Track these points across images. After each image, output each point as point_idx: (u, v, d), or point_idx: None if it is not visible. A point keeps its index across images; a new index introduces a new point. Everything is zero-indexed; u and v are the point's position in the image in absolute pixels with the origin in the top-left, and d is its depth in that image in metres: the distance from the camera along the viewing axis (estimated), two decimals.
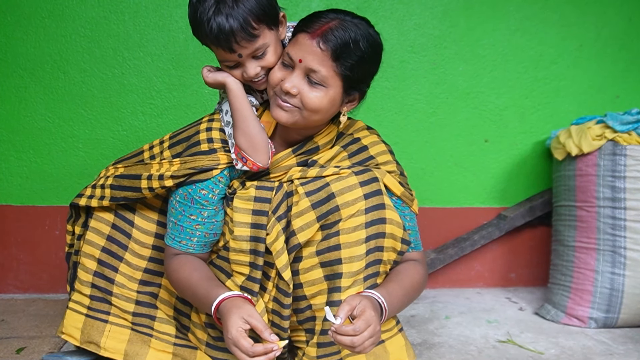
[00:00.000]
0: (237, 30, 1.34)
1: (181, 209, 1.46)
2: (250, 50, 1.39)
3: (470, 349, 1.93)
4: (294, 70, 1.38)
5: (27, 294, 2.38)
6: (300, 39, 1.36)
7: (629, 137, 2.11)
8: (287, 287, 1.41)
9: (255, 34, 1.36)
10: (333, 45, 1.33)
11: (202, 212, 1.45)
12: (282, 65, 1.40)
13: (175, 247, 1.48)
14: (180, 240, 1.47)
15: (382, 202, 1.40)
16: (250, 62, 1.41)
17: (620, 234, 2.11)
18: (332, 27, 1.34)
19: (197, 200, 1.44)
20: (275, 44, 1.43)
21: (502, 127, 2.64)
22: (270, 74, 1.42)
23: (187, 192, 1.45)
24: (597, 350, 1.93)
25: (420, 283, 1.50)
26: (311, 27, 1.34)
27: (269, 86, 1.43)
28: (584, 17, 2.64)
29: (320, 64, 1.35)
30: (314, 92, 1.37)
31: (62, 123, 2.33)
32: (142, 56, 2.34)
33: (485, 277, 2.72)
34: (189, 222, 1.46)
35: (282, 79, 1.39)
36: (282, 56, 1.41)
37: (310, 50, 1.34)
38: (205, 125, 1.50)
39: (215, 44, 1.39)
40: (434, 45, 2.54)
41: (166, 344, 1.56)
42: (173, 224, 1.48)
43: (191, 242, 1.47)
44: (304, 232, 1.39)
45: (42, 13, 2.27)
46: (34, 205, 2.35)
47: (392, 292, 1.37)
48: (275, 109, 1.42)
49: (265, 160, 1.42)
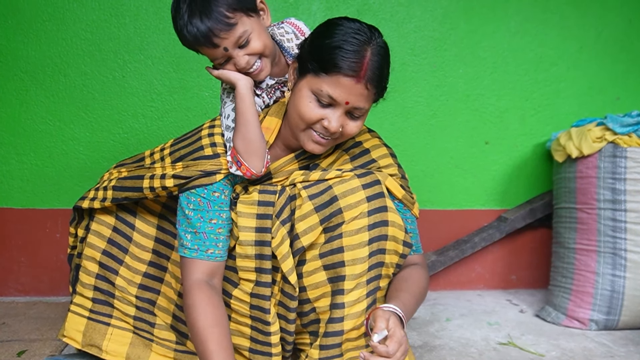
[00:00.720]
0: (214, 24, 1.35)
1: (198, 216, 1.42)
2: (233, 40, 1.39)
3: (471, 351, 1.93)
4: (334, 108, 1.36)
5: (28, 296, 2.37)
6: (344, 82, 1.31)
7: (629, 139, 2.11)
8: (293, 291, 1.41)
9: (232, 23, 1.37)
10: (377, 80, 1.35)
11: (221, 215, 1.43)
12: (318, 102, 1.36)
13: (203, 258, 1.41)
14: (206, 250, 1.41)
15: (384, 204, 1.40)
16: (238, 53, 1.41)
17: (621, 236, 2.11)
18: (370, 62, 1.31)
19: (214, 203, 1.43)
20: (258, 31, 1.43)
21: (503, 129, 2.64)
22: (303, 109, 1.37)
23: (200, 198, 1.42)
24: (598, 353, 1.93)
25: (426, 288, 1.51)
26: (353, 69, 1.30)
27: (300, 120, 1.39)
28: (584, 19, 2.65)
29: (365, 101, 1.37)
30: (355, 123, 1.40)
31: (63, 126, 2.33)
32: (143, 59, 2.35)
33: (485, 279, 2.72)
34: (211, 227, 1.42)
35: (321, 117, 1.37)
36: (317, 94, 1.35)
37: (357, 93, 1.33)
38: (207, 130, 1.50)
39: (200, 44, 1.39)
40: (434, 47, 2.55)
41: (167, 350, 1.56)
42: (193, 234, 1.41)
43: (218, 249, 1.42)
44: (307, 235, 1.39)
45: (43, 16, 2.27)
46: (34, 208, 2.35)
47: (407, 303, 1.38)
48: (310, 143, 1.41)
49: (259, 167, 1.41)
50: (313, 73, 1.35)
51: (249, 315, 1.45)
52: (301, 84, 1.38)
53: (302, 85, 1.38)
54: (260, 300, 1.42)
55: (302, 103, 1.37)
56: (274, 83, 1.54)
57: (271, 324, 1.42)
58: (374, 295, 1.43)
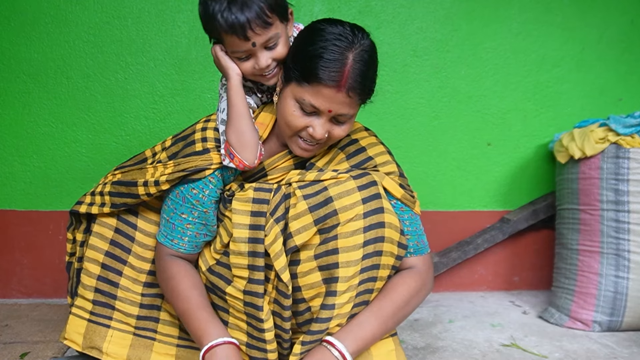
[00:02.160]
0: (253, 17, 1.35)
1: (173, 207, 1.48)
2: (264, 39, 1.40)
3: (474, 352, 1.92)
4: (319, 116, 1.38)
5: (30, 298, 2.38)
6: (325, 92, 1.32)
7: (632, 140, 2.11)
8: (286, 289, 1.40)
9: (270, 22, 1.38)
10: (359, 88, 1.34)
11: (192, 212, 1.47)
12: (302, 111, 1.38)
13: (167, 245, 1.50)
14: (172, 239, 1.49)
15: (380, 206, 1.39)
16: (263, 53, 1.42)
17: (624, 237, 2.11)
18: (351, 69, 1.31)
19: (189, 200, 1.46)
20: (285, 37, 1.45)
21: (505, 130, 2.64)
22: (288, 117, 1.39)
23: (179, 191, 1.47)
24: (601, 354, 1.92)
25: (411, 296, 1.47)
26: (333, 79, 1.30)
27: (286, 127, 1.41)
28: (587, 20, 2.64)
29: (349, 108, 1.37)
30: (342, 127, 1.42)
31: (66, 128, 2.34)
32: (145, 61, 2.35)
33: (488, 280, 2.71)
34: (180, 220, 1.48)
35: (306, 125, 1.39)
36: (300, 103, 1.36)
37: (339, 101, 1.34)
38: (202, 125, 1.52)
39: (230, 32, 1.38)
40: (436, 49, 2.55)
41: (169, 347, 1.56)
42: (165, 221, 1.51)
43: (182, 242, 1.49)
44: (300, 234, 1.38)
45: (46, 19, 2.28)
46: (37, 210, 2.35)
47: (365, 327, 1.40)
48: (297, 149, 1.45)
49: (252, 159, 1.43)
50: (296, 82, 1.36)
51: (244, 312, 1.45)
52: (286, 92, 1.40)
53: (287, 93, 1.40)
54: (253, 297, 1.42)
55: (287, 112, 1.39)
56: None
57: (264, 321, 1.42)
58: (364, 297, 1.42)
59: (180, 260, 1.51)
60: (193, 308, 1.42)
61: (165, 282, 1.49)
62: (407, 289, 1.47)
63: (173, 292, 1.46)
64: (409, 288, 1.47)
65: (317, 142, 1.42)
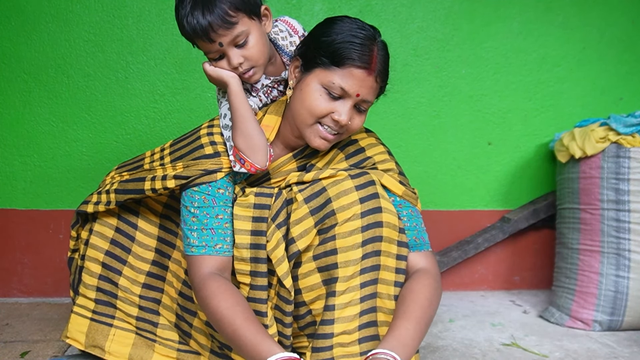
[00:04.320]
0: (214, 20, 1.36)
1: (204, 213, 1.42)
2: (230, 38, 1.40)
3: (474, 352, 1.92)
4: (344, 101, 1.38)
5: (31, 297, 2.38)
6: (356, 73, 1.35)
7: (632, 139, 2.11)
8: (289, 295, 1.39)
9: (233, 21, 1.38)
10: (384, 75, 1.41)
11: (226, 210, 1.44)
12: (328, 95, 1.38)
13: (212, 254, 1.40)
14: (214, 245, 1.41)
15: (378, 205, 1.37)
16: (233, 51, 1.42)
17: (625, 237, 2.11)
18: (378, 55, 1.38)
19: (219, 199, 1.43)
20: (257, 34, 1.44)
21: (506, 129, 2.64)
22: (312, 102, 1.38)
23: (205, 195, 1.42)
24: (602, 353, 1.92)
25: (434, 300, 1.40)
26: (365, 61, 1.34)
27: (308, 114, 1.40)
28: (587, 19, 2.64)
29: (373, 95, 1.41)
30: (361, 117, 1.44)
31: (66, 127, 2.34)
32: (146, 60, 2.35)
33: (489, 280, 2.71)
34: (218, 222, 1.42)
35: (331, 110, 1.38)
36: (328, 87, 1.36)
37: (368, 86, 1.37)
38: (206, 130, 1.51)
39: (197, 37, 1.40)
40: (436, 48, 2.55)
41: (170, 350, 1.56)
42: (200, 231, 1.41)
43: (226, 243, 1.42)
44: (303, 238, 1.38)
45: (46, 18, 2.28)
46: (38, 209, 2.35)
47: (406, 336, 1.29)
48: (316, 139, 1.42)
49: (263, 162, 1.42)
50: (323, 67, 1.36)
51: None
52: (308, 79, 1.39)
53: (310, 80, 1.39)
54: (257, 304, 1.41)
55: (312, 97, 1.38)
56: (270, 82, 1.54)
57: (269, 326, 1.41)
58: (370, 301, 1.38)
59: (219, 277, 1.39)
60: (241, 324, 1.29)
61: (205, 301, 1.36)
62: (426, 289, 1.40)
63: (216, 313, 1.33)
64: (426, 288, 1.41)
65: (338, 129, 1.41)
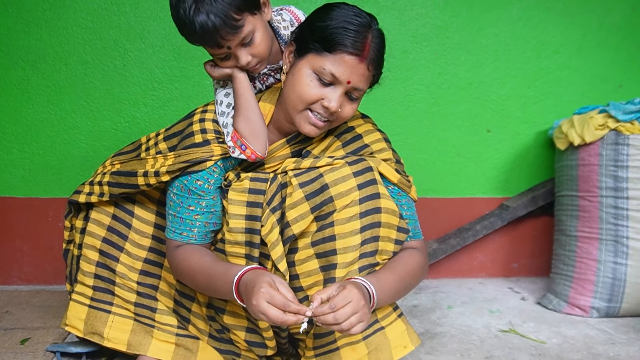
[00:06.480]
0: (221, 26, 1.33)
1: (179, 201, 1.47)
2: (238, 41, 1.38)
3: (472, 338, 1.93)
4: (334, 87, 1.37)
5: (31, 285, 2.39)
6: (348, 60, 1.33)
7: (631, 126, 2.10)
8: (283, 279, 1.40)
9: (239, 25, 1.36)
10: (377, 64, 1.40)
11: (199, 202, 1.46)
12: (319, 81, 1.37)
13: (176, 239, 1.48)
14: (181, 232, 1.48)
15: (376, 191, 1.38)
16: (241, 51, 1.41)
17: (623, 224, 2.11)
18: (372, 43, 1.36)
19: (194, 191, 1.45)
20: (262, 28, 1.42)
21: (505, 117, 2.64)
22: (303, 88, 1.38)
23: (183, 184, 1.46)
24: (599, 340, 1.93)
25: (417, 270, 1.47)
26: (357, 48, 1.32)
27: (298, 100, 1.39)
28: (587, 5, 2.63)
29: (365, 83, 1.40)
30: (352, 105, 1.42)
31: (64, 115, 2.33)
32: (144, 48, 2.34)
33: (487, 267, 2.72)
34: (188, 212, 1.46)
35: (321, 96, 1.37)
36: (319, 73, 1.36)
37: (360, 73, 1.36)
38: (199, 116, 1.50)
39: (203, 43, 1.39)
40: (436, 35, 2.54)
41: (169, 335, 1.57)
42: (172, 216, 1.48)
43: (192, 233, 1.47)
44: (298, 223, 1.38)
45: (44, 5, 2.27)
46: (37, 197, 2.36)
47: (382, 278, 1.36)
48: (306, 125, 1.41)
49: (263, 150, 1.43)
50: (315, 52, 1.36)
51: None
52: (300, 64, 1.39)
53: (302, 65, 1.38)
54: None
55: (302, 82, 1.37)
56: (267, 70, 1.54)
57: None
58: None
59: (186, 245, 1.49)
60: (211, 265, 1.40)
61: (177, 267, 1.47)
62: (415, 258, 1.47)
63: (188, 271, 1.43)
64: (415, 259, 1.48)
65: (329, 116, 1.40)
